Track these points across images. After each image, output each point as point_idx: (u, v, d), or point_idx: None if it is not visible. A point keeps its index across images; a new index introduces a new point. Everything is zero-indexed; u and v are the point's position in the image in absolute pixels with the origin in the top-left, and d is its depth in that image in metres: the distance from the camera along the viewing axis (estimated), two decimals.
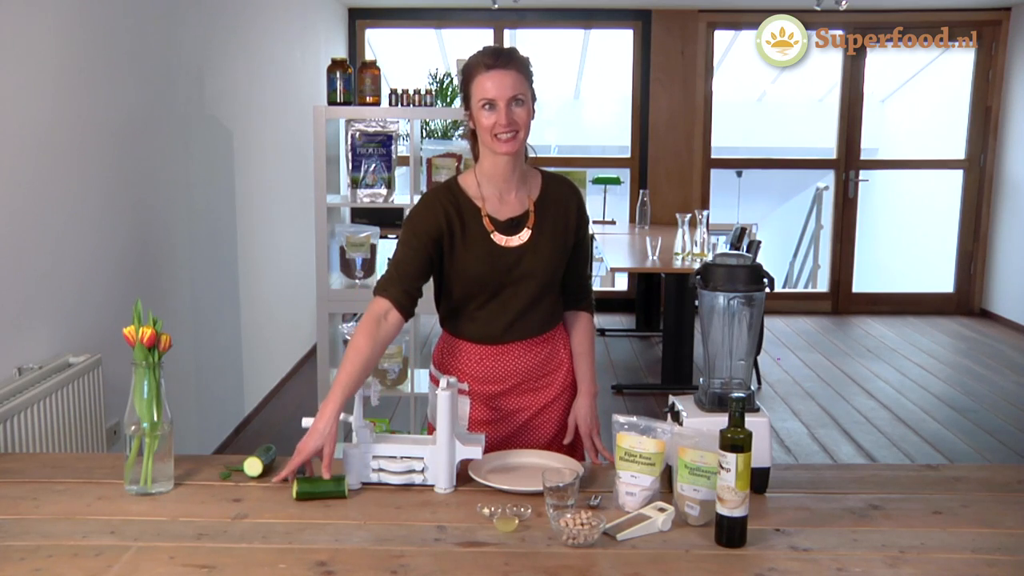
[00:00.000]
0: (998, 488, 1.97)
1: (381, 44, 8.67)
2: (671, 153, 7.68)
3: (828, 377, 5.94)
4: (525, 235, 2.14)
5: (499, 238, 2.13)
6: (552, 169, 2.33)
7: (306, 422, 2.00)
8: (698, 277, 1.98)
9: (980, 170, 7.67)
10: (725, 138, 8.25)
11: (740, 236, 5.83)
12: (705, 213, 5.50)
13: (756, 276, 1.94)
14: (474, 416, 2.22)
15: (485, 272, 2.12)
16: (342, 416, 1.96)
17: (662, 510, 1.75)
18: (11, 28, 2.61)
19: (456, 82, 3.78)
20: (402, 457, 1.94)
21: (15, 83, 2.63)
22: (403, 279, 2.10)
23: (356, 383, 1.99)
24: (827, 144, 8.04)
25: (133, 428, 1.89)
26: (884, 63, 8.56)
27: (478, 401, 2.22)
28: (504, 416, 2.24)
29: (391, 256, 2.15)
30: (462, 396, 2.18)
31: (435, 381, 2.26)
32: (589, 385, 2.30)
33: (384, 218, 5.61)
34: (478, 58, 2.07)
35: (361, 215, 5.82)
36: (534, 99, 2.11)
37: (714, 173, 7.82)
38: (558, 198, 2.20)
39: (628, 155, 7.82)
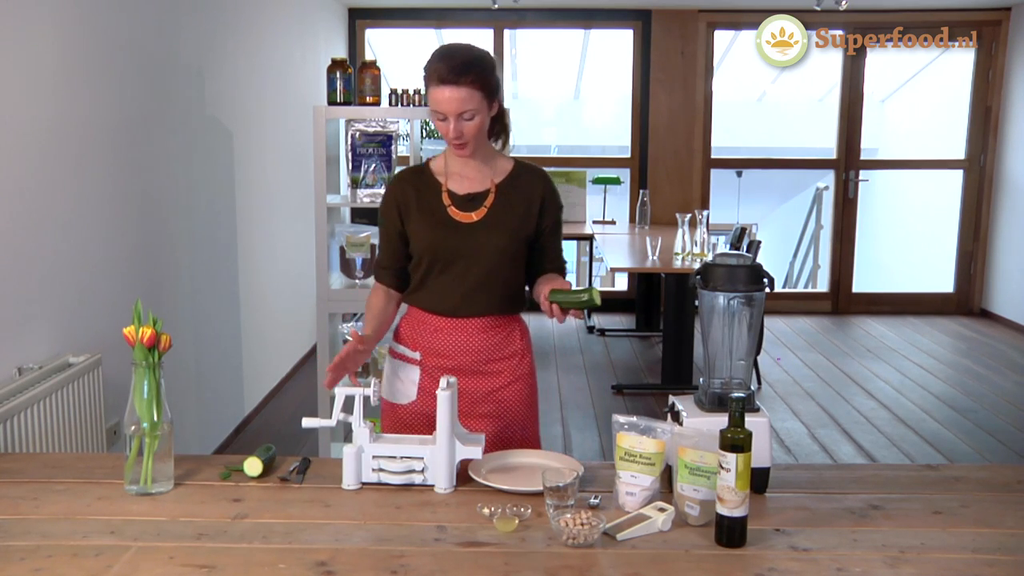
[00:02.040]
0: (998, 488, 1.97)
1: (381, 44, 8.67)
2: (671, 153, 7.68)
3: (828, 377, 5.94)
4: (481, 212, 2.24)
5: (455, 212, 2.24)
6: (551, 169, 2.35)
7: (306, 422, 2.00)
8: (698, 277, 1.98)
9: (980, 170, 7.67)
10: (725, 138, 8.25)
11: (740, 236, 5.82)
12: (705, 213, 5.50)
13: (756, 276, 1.94)
14: (423, 386, 2.29)
15: (436, 241, 2.23)
16: (341, 416, 1.97)
17: (662, 510, 1.75)
18: (11, 28, 2.61)
19: None
20: (402, 457, 1.94)
21: (15, 83, 2.63)
22: (390, 263, 2.32)
23: (379, 327, 2.24)
24: (827, 144, 8.04)
25: (133, 428, 1.89)
26: (884, 63, 8.56)
27: (427, 374, 2.29)
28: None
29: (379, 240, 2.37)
30: (412, 364, 2.30)
31: (392, 353, 2.35)
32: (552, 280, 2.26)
33: None
34: (434, 66, 2.13)
35: (361, 215, 5.80)
36: (493, 100, 2.19)
37: (714, 173, 7.82)
38: (524, 185, 2.29)
39: (628, 155, 7.82)
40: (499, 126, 2.31)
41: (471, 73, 2.11)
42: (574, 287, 2.15)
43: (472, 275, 2.24)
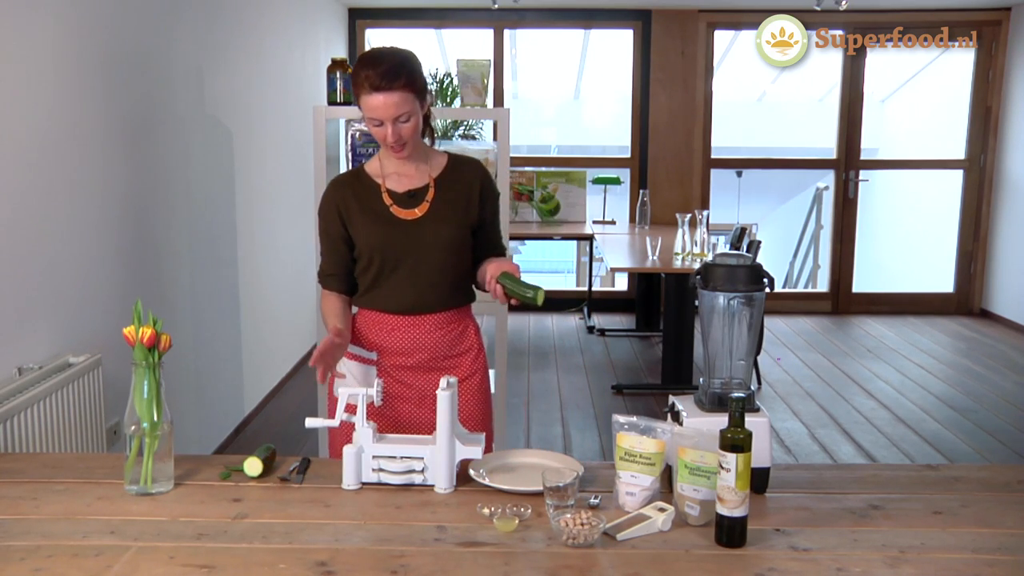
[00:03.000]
0: (998, 488, 1.97)
1: (381, 44, 8.66)
2: (671, 153, 7.68)
3: (828, 377, 5.94)
4: (424, 207, 2.27)
5: (397, 210, 2.27)
6: (551, 169, 2.36)
7: (309, 422, 2.01)
8: (698, 277, 1.98)
9: (980, 170, 7.67)
10: (725, 138, 8.24)
11: (740, 236, 5.82)
12: (705, 213, 5.50)
13: (756, 276, 1.94)
14: (386, 390, 2.28)
15: (383, 242, 2.26)
16: (344, 416, 1.98)
17: (662, 510, 1.75)
18: (12, 28, 2.61)
19: (456, 82, 3.78)
20: (402, 457, 1.94)
21: (15, 84, 2.63)
22: (336, 270, 2.35)
23: (347, 321, 2.27)
24: (827, 144, 8.04)
25: (133, 428, 1.89)
26: (884, 63, 8.56)
27: (386, 374, 2.31)
28: (411, 392, 2.32)
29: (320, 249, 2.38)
30: (369, 365, 2.32)
31: (348, 355, 2.33)
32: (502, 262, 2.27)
33: None
34: (364, 74, 2.13)
35: None
36: (424, 99, 2.21)
37: (714, 173, 7.82)
38: (461, 176, 2.33)
39: (628, 155, 7.82)
40: (426, 123, 2.31)
41: (402, 77, 2.13)
42: (527, 282, 2.15)
43: (422, 271, 2.27)
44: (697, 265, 3.51)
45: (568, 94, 11.82)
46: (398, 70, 2.13)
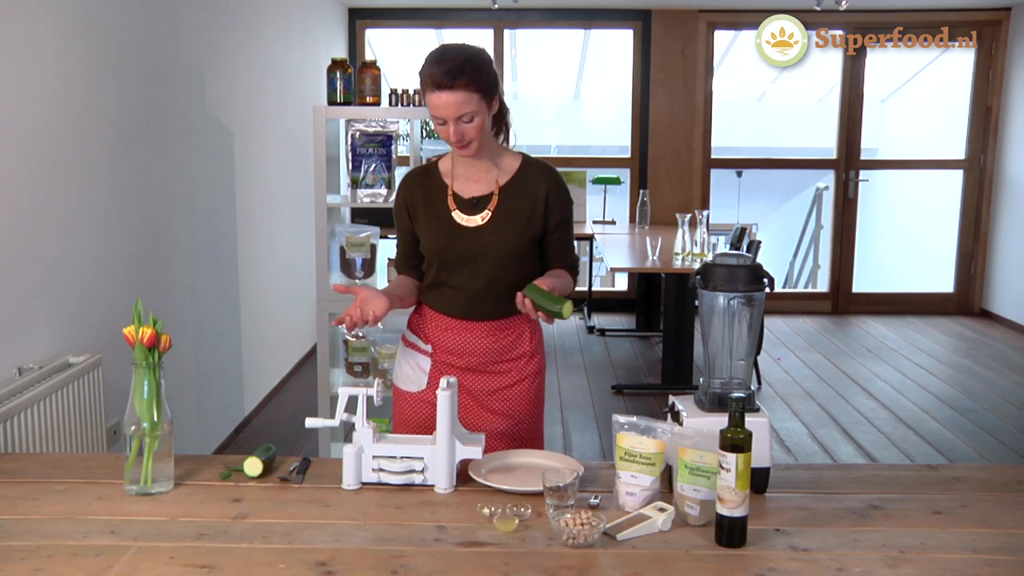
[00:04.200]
0: (998, 488, 1.97)
1: (381, 44, 8.67)
2: (671, 153, 7.68)
3: (828, 377, 5.93)
4: (485, 216, 2.23)
5: (459, 216, 2.24)
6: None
7: (310, 423, 2.01)
8: (698, 277, 1.98)
9: (980, 170, 7.67)
10: (725, 138, 8.24)
11: (740, 236, 5.82)
12: (705, 213, 5.50)
13: (756, 276, 1.94)
14: (433, 376, 2.30)
15: (442, 246, 2.25)
16: (344, 416, 1.98)
17: (662, 510, 1.75)
18: (12, 28, 2.61)
19: None
20: (402, 457, 1.94)
21: (15, 84, 2.63)
22: (406, 260, 2.36)
23: (404, 295, 2.28)
24: (827, 144, 8.04)
25: (133, 428, 1.89)
26: (884, 63, 8.55)
27: (437, 367, 2.32)
28: (459, 390, 2.27)
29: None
30: (423, 355, 2.33)
31: (404, 341, 2.40)
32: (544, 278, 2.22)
33: (384, 218, 5.55)
34: (428, 71, 2.11)
35: (361, 215, 5.80)
36: (492, 98, 2.17)
37: (714, 173, 7.82)
38: (529, 184, 2.26)
39: (628, 155, 7.82)
40: (500, 122, 2.29)
41: (466, 75, 2.09)
42: (554, 295, 2.10)
43: (478, 279, 2.24)
44: (697, 265, 3.51)
45: (568, 94, 11.81)
46: (462, 68, 2.09)
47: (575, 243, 2.44)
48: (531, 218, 2.25)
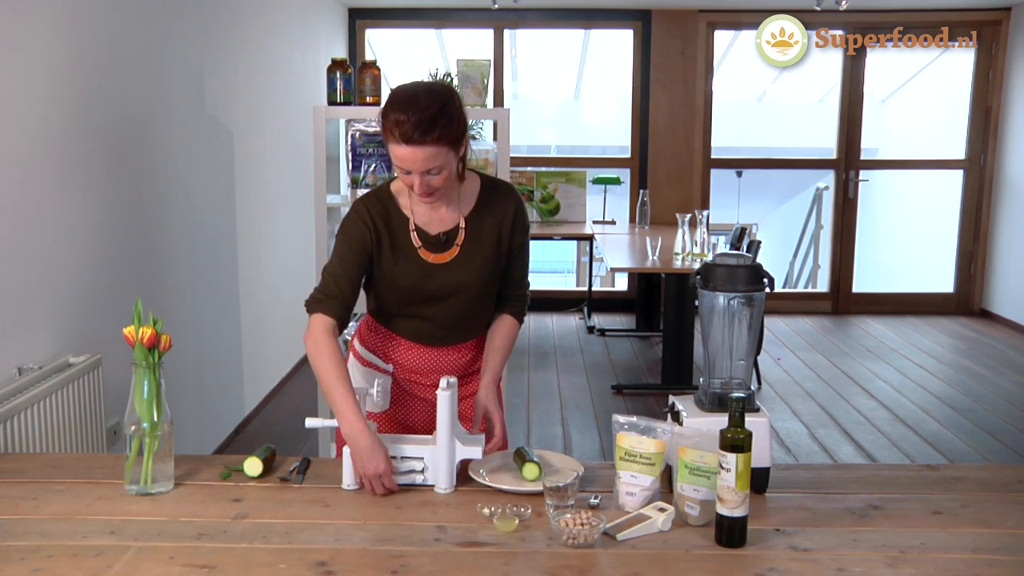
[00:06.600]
0: (998, 488, 1.97)
1: (381, 44, 8.66)
2: (671, 153, 7.68)
3: (828, 377, 5.93)
4: (454, 251, 2.13)
5: (426, 254, 2.11)
6: (551, 169, 2.33)
7: (309, 422, 2.00)
8: (698, 277, 1.98)
9: (980, 170, 7.67)
10: (725, 138, 8.24)
11: (740, 236, 5.82)
12: (705, 213, 5.50)
13: (756, 276, 1.94)
14: (396, 395, 2.26)
15: (413, 285, 2.13)
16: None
17: (662, 510, 1.75)
18: (11, 28, 2.61)
19: (456, 83, 3.78)
20: (402, 457, 1.94)
21: (14, 83, 2.63)
22: (342, 292, 2.06)
23: (350, 385, 1.98)
24: (827, 144, 8.04)
25: (133, 428, 1.89)
26: (884, 63, 8.55)
27: (399, 385, 2.27)
28: (423, 404, 2.27)
29: (327, 266, 2.11)
30: (383, 374, 2.25)
31: (361, 360, 2.26)
32: (494, 373, 2.21)
33: None
34: (395, 119, 1.91)
35: None
36: (461, 143, 2.00)
37: (714, 173, 7.82)
38: (493, 210, 2.16)
39: (628, 155, 7.82)
40: (460, 163, 2.09)
41: (437, 129, 1.91)
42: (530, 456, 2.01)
43: (452, 311, 2.17)
44: (697, 265, 3.51)
45: (568, 94, 11.81)
46: (434, 121, 1.90)
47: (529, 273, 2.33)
48: (498, 245, 2.17)
